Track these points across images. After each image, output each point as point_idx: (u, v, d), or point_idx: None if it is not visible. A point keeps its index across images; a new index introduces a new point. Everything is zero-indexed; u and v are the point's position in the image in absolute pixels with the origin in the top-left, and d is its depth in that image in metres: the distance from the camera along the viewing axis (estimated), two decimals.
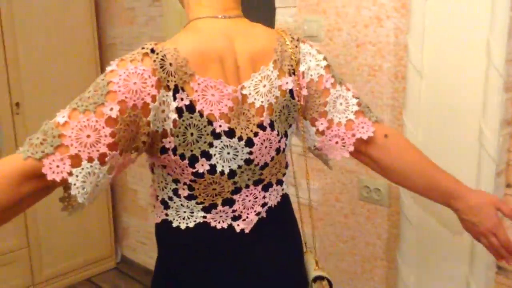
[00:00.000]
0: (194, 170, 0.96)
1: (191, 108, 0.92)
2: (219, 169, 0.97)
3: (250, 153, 0.99)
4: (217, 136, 0.94)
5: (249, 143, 0.98)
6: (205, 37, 0.96)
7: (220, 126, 0.94)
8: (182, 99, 0.91)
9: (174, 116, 0.91)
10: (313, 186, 1.85)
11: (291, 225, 1.17)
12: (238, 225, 1.04)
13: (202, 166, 0.96)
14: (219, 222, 1.02)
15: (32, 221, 2.72)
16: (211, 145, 0.94)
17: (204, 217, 1.02)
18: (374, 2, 1.56)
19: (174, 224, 1.02)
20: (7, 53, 2.51)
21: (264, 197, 1.06)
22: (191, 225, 1.02)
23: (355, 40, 1.62)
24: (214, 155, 0.95)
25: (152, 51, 0.89)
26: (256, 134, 0.98)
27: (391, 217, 1.65)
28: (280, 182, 1.10)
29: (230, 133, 0.96)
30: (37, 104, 2.66)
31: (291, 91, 1.03)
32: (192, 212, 1.01)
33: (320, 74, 1.05)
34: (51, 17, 2.67)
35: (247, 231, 1.05)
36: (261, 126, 0.99)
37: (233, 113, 0.96)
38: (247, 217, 1.04)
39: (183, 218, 1.02)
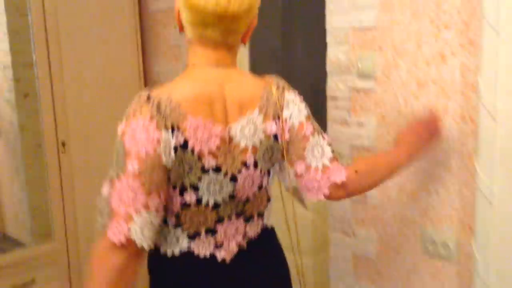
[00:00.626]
0: (182, 200, 1.07)
1: (184, 145, 1.03)
2: (204, 200, 1.08)
3: (234, 188, 1.10)
4: (205, 171, 1.06)
5: (233, 178, 1.09)
6: (199, 82, 1.07)
7: (208, 162, 1.05)
8: (177, 137, 1.02)
9: (173, 152, 1.02)
10: (370, 236, 1.69)
11: (274, 257, 1.26)
12: (219, 254, 1.14)
13: (190, 196, 1.07)
14: (202, 250, 1.13)
15: (71, 223, 2.66)
16: (199, 179, 1.06)
17: (189, 245, 1.12)
18: (436, 38, 1.41)
19: (162, 251, 1.13)
20: (54, 91, 2.51)
21: (245, 227, 1.17)
22: (177, 252, 1.12)
23: (415, 78, 1.48)
24: (202, 188, 1.07)
25: (148, 98, 1.02)
26: (239, 171, 1.10)
27: (461, 277, 1.46)
28: (260, 215, 1.21)
29: (217, 169, 1.07)
30: (84, 143, 2.64)
31: (275, 135, 1.13)
32: (178, 240, 1.12)
33: (301, 122, 1.15)
34: (98, 54, 2.66)
35: (227, 260, 1.15)
36: (245, 164, 1.10)
37: (221, 151, 1.06)
38: (228, 247, 1.15)
39: (170, 245, 1.12)
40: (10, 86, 2.77)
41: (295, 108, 1.15)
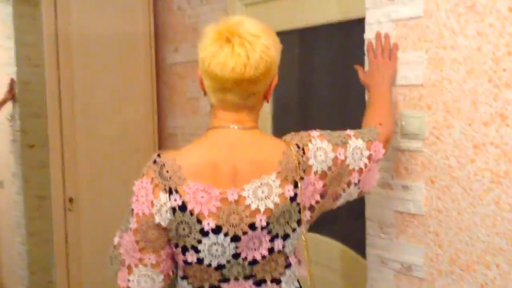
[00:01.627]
0: (184, 258, 1.11)
1: (183, 207, 1.07)
2: (206, 261, 1.11)
3: (236, 247, 1.11)
4: (205, 234, 1.08)
5: (235, 239, 1.10)
6: (208, 146, 1.12)
7: (208, 224, 1.08)
8: (175, 200, 1.07)
9: (170, 214, 1.07)
10: None
11: None
12: None
13: (192, 257, 1.10)
14: None
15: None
16: (199, 241, 1.08)
17: None
18: (495, 97, 1.31)
19: None
20: (64, 143, 2.38)
21: None
22: None
23: (471, 140, 1.37)
24: (203, 250, 1.09)
25: (155, 162, 1.10)
26: (245, 233, 1.10)
27: None
28: (276, 281, 1.18)
29: (217, 230, 1.08)
30: (92, 200, 2.49)
31: (292, 197, 1.13)
32: None
33: (333, 157, 1.18)
34: (112, 107, 2.56)
35: None
36: (252, 226, 1.10)
37: (222, 212, 1.08)
38: None
39: None
40: (16, 136, 2.66)
41: (322, 154, 1.17)
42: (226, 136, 1.12)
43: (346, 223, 2.07)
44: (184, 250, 1.10)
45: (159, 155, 1.10)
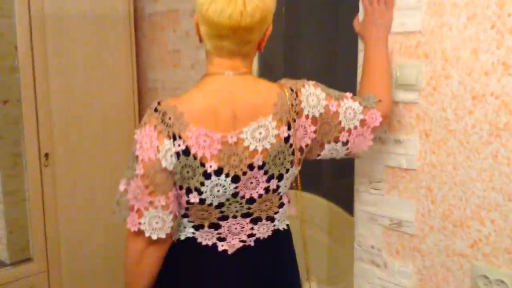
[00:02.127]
0: (187, 199, 1.16)
1: (186, 152, 1.12)
2: (208, 202, 1.17)
3: (236, 187, 1.16)
4: (208, 176, 1.13)
5: (235, 180, 1.16)
6: (208, 92, 1.15)
7: (210, 166, 1.13)
8: (179, 145, 1.11)
9: (174, 158, 1.12)
10: (405, 269, 1.48)
11: (282, 259, 1.32)
12: (222, 245, 1.23)
13: (194, 197, 1.15)
14: (205, 240, 1.23)
15: (53, 242, 2.37)
16: (202, 184, 1.14)
17: (193, 233, 1.23)
18: (498, 44, 1.23)
19: (174, 238, 1.25)
20: (38, 98, 2.25)
21: (252, 228, 1.24)
22: (182, 237, 1.24)
23: (470, 91, 1.29)
24: (205, 192, 1.15)
25: (156, 110, 1.12)
26: (244, 173, 1.15)
27: None
28: (270, 219, 1.27)
29: (219, 171, 1.14)
30: (68, 155, 2.38)
31: (286, 138, 1.17)
32: (185, 228, 1.24)
33: (325, 105, 1.22)
34: (88, 59, 2.42)
35: (229, 252, 1.23)
36: (250, 167, 1.16)
37: (223, 154, 1.13)
38: (231, 242, 1.23)
39: (177, 232, 1.25)
40: None
41: (314, 99, 1.20)
42: (222, 82, 1.15)
43: (332, 181, 2.02)
44: (188, 192, 1.15)
45: (159, 103, 1.13)
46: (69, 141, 2.38)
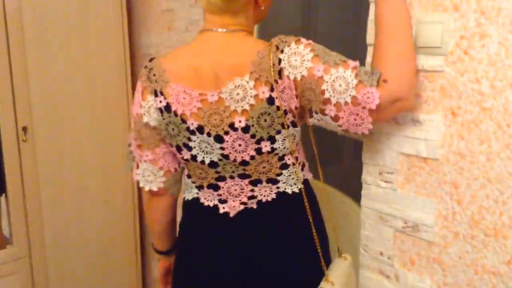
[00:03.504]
0: (181, 156, 1.21)
1: (168, 108, 1.16)
2: (199, 159, 1.19)
3: (222, 148, 1.16)
4: (192, 132, 1.16)
5: (219, 139, 1.15)
6: (193, 51, 1.16)
7: (192, 124, 1.15)
8: (160, 101, 1.16)
9: (158, 114, 1.18)
10: (422, 284, 1.17)
11: (291, 223, 1.24)
12: (223, 208, 1.24)
13: (186, 154, 1.20)
14: (207, 200, 1.26)
15: (35, 225, 2.17)
16: (189, 139, 1.17)
17: (197, 193, 1.28)
18: None
19: (183, 195, 1.34)
20: (13, 66, 2.00)
21: (252, 190, 1.22)
22: (190, 197, 1.30)
23: None
24: (194, 147, 1.18)
25: (145, 66, 1.19)
26: (226, 133, 1.13)
27: None
28: (272, 181, 1.21)
29: (200, 130, 1.15)
30: (49, 128, 2.14)
31: (269, 99, 1.09)
32: (191, 188, 1.29)
33: (309, 67, 1.06)
34: (72, 22, 2.14)
35: (231, 215, 1.23)
36: (232, 127, 1.13)
37: (203, 113, 1.13)
38: (232, 204, 1.23)
39: (186, 191, 1.33)
40: None
41: (298, 59, 1.06)
42: (211, 39, 1.14)
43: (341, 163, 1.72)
44: (179, 148, 1.20)
45: (150, 60, 1.19)
46: (49, 114, 2.14)
